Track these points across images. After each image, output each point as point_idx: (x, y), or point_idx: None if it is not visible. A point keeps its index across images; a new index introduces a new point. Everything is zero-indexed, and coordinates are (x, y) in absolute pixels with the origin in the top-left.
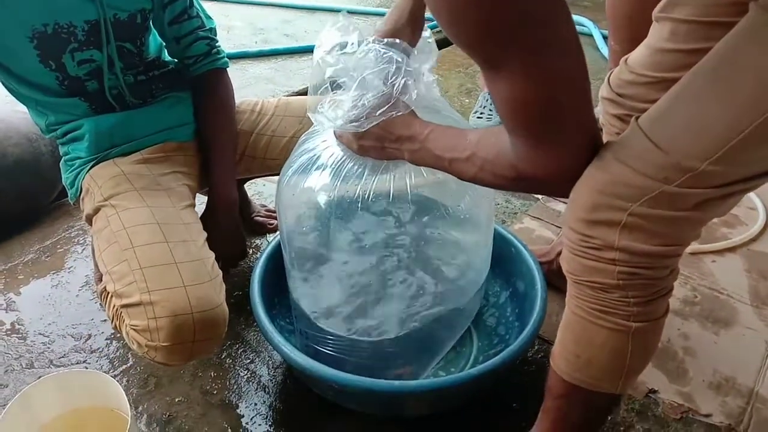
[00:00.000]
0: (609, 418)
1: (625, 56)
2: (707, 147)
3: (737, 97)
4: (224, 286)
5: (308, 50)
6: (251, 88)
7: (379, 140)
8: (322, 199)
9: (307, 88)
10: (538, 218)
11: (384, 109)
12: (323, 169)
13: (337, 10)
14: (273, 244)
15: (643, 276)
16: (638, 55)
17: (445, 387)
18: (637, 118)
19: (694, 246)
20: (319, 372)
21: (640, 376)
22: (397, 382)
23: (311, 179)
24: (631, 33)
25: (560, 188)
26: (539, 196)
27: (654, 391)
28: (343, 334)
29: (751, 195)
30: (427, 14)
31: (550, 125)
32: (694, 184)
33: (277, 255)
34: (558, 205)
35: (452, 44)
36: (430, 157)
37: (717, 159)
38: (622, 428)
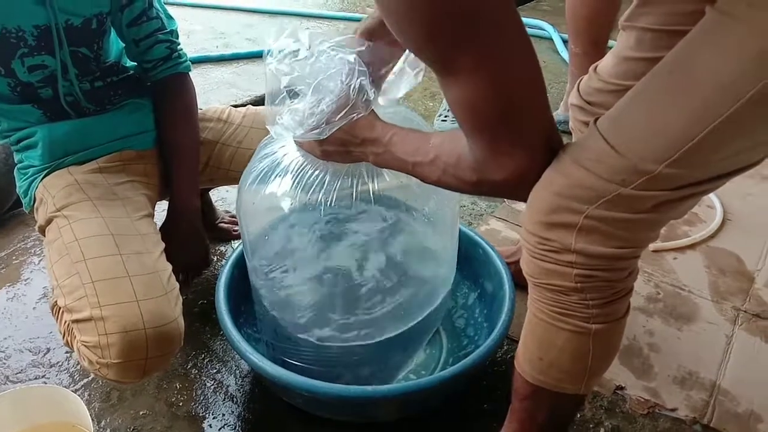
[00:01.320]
0: (577, 416)
1: (595, 64)
2: (663, 150)
3: (692, 101)
4: (181, 299)
5: None
6: (213, 93)
7: (342, 144)
8: (284, 205)
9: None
10: (504, 219)
11: (343, 112)
12: (284, 175)
13: (300, 14)
14: (237, 251)
15: (600, 278)
16: (606, 63)
17: (417, 391)
18: (596, 120)
19: (656, 244)
20: (288, 380)
21: (608, 374)
22: (369, 388)
23: (272, 186)
24: (591, 36)
25: (520, 191)
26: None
27: (621, 388)
28: (312, 340)
29: (710, 194)
30: None
31: (504, 127)
32: (651, 186)
33: (241, 263)
34: (523, 206)
35: None
36: (394, 160)
37: (673, 161)
38: (591, 425)
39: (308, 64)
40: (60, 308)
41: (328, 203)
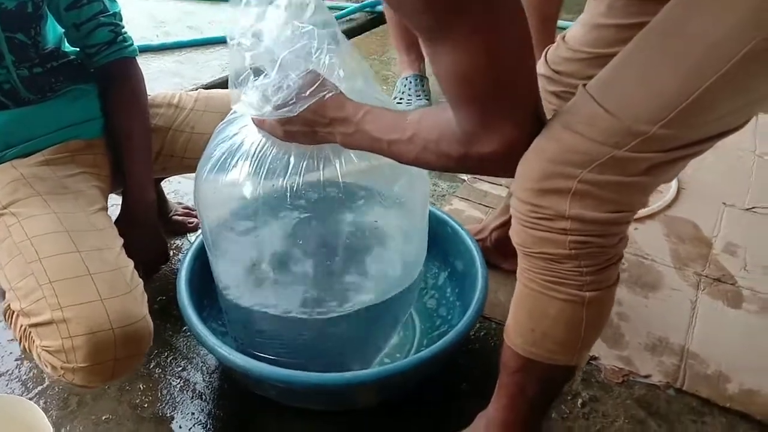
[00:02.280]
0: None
1: (563, 33)
2: (658, 110)
3: (686, 60)
4: (146, 296)
5: (215, 42)
6: (157, 82)
7: (308, 125)
8: (246, 192)
9: (219, 80)
10: (466, 199)
11: (312, 88)
12: (244, 160)
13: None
14: (197, 243)
15: (594, 244)
16: (575, 31)
17: (395, 374)
18: (584, 85)
19: None
20: (261, 371)
21: None
22: (347, 374)
23: (232, 173)
24: (542, 13)
25: (507, 164)
26: (464, 177)
27: (595, 358)
28: (283, 325)
29: None
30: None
31: (496, 98)
32: (645, 148)
33: (202, 255)
34: (484, 185)
35: (367, 31)
36: (366, 139)
37: (668, 122)
38: (569, 398)
39: (273, 38)
40: (14, 312)
41: (294, 188)
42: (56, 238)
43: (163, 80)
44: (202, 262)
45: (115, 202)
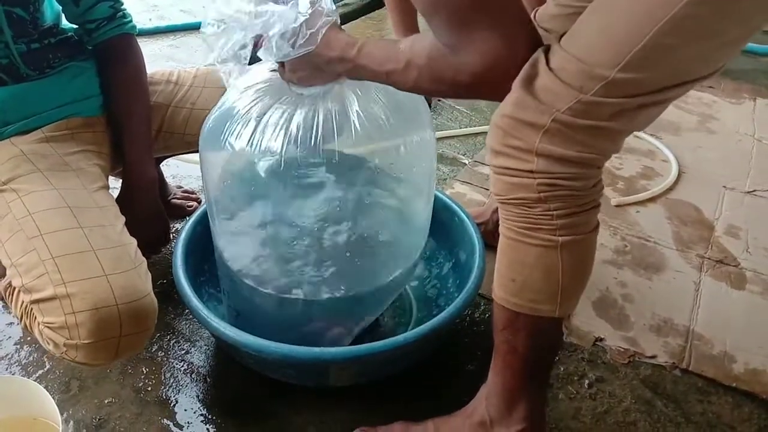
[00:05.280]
0: (560, 369)
1: None
2: (614, 55)
3: (637, 4)
4: (150, 274)
5: None
6: (151, 66)
7: (313, 67)
8: (248, 161)
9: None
10: (467, 182)
11: (319, 21)
12: (245, 128)
13: None
14: (201, 209)
15: (562, 186)
16: None
17: (363, 355)
18: (560, 37)
19: (618, 198)
20: (236, 338)
21: (586, 326)
22: (317, 349)
23: (234, 142)
24: None
25: (498, 81)
26: (466, 161)
27: (600, 339)
28: (275, 294)
29: (663, 149)
30: None
31: (479, 8)
32: (608, 93)
33: (204, 221)
34: (485, 169)
35: (363, 15)
36: (365, 73)
37: (624, 65)
38: (575, 378)
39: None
40: (15, 289)
41: (296, 160)
42: (58, 213)
43: (157, 64)
44: (204, 226)
45: (114, 186)
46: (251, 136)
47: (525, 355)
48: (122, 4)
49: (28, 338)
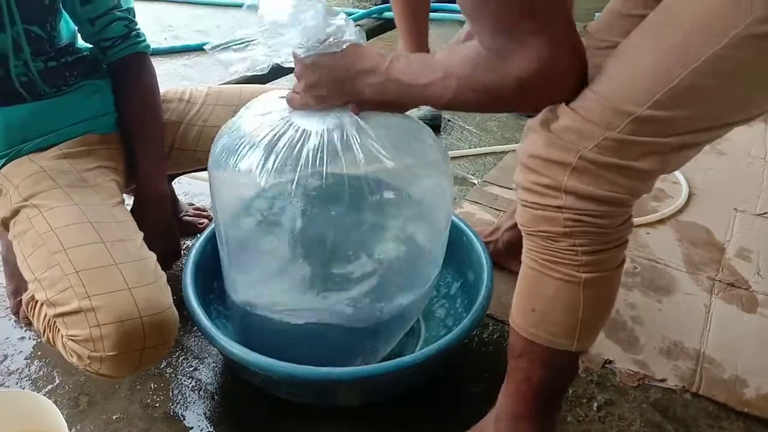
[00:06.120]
0: (569, 392)
1: (584, 24)
2: (643, 92)
3: (672, 43)
4: (170, 288)
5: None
6: (165, 85)
7: (336, 81)
8: (259, 182)
9: (227, 83)
10: (477, 202)
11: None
12: (255, 150)
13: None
14: (211, 227)
15: (589, 223)
16: (599, 23)
17: (371, 376)
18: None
19: None
20: (242, 356)
21: (595, 348)
22: (324, 369)
23: (244, 162)
24: None
25: (546, 89)
26: (475, 181)
27: (610, 362)
28: (287, 321)
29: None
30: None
31: (525, 12)
32: (636, 131)
33: (214, 239)
34: (494, 189)
35: (375, 36)
36: (396, 88)
37: (654, 104)
38: (584, 400)
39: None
40: (38, 303)
41: (306, 182)
42: (80, 228)
43: (171, 83)
44: (215, 244)
45: (128, 203)
46: (260, 162)
47: (538, 385)
48: (137, 24)
49: (39, 353)
